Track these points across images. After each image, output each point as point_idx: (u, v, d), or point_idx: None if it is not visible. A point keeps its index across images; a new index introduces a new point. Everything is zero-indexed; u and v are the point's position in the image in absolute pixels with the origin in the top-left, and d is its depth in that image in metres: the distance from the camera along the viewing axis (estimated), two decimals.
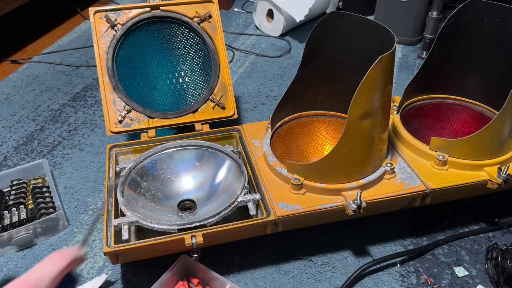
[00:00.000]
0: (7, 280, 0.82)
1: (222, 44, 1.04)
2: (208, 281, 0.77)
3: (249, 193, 0.82)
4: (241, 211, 0.86)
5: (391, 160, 0.88)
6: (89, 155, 1.12)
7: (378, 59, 0.72)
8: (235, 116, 1.07)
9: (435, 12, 1.50)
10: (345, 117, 0.79)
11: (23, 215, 0.90)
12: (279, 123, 0.98)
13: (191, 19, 1.02)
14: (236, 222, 0.77)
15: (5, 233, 0.85)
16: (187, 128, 1.04)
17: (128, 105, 0.99)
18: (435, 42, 0.95)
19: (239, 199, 0.80)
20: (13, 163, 1.10)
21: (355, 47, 0.88)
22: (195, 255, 0.74)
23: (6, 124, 1.24)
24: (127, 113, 0.99)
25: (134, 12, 0.99)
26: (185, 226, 0.75)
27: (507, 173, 0.83)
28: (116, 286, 0.82)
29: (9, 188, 0.98)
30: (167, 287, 0.76)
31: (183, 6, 1.02)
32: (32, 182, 1.00)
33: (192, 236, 0.73)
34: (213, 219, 0.76)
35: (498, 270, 0.80)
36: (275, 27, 1.67)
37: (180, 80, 1.06)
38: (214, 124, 1.04)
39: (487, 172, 0.86)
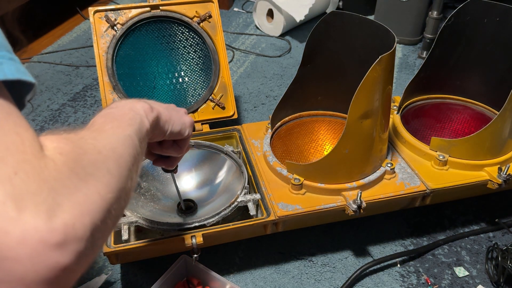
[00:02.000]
0: None
1: (222, 44, 1.04)
2: (208, 281, 0.77)
3: (249, 193, 0.82)
4: (241, 211, 0.86)
5: (391, 160, 0.88)
6: None
7: (378, 59, 0.71)
8: (235, 116, 1.06)
9: (435, 12, 1.50)
10: (345, 117, 0.79)
11: None
12: (279, 123, 0.98)
13: (191, 19, 1.02)
14: (236, 222, 0.77)
15: None
16: None
17: None
18: (435, 42, 0.95)
19: (239, 199, 0.79)
20: None
21: (355, 47, 0.88)
22: (195, 255, 0.74)
23: None
24: None
25: (134, 12, 0.99)
26: (185, 226, 0.75)
27: (507, 173, 0.83)
28: (116, 286, 0.82)
29: None
30: (167, 287, 0.76)
31: (183, 6, 1.02)
32: None
33: (192, 236, 0.73)
34: (213, 219, 0.76)
35: (498, 270, 0.80)
36: (275, 27, 1.67)
37: (180, 80, 1.06)
38: (214, 124, 1.04)
39: (487, 172, 0.86)
